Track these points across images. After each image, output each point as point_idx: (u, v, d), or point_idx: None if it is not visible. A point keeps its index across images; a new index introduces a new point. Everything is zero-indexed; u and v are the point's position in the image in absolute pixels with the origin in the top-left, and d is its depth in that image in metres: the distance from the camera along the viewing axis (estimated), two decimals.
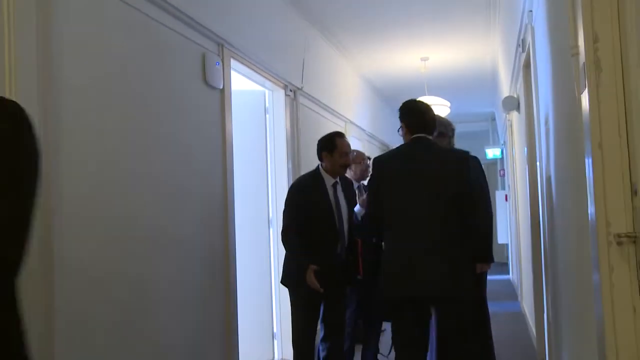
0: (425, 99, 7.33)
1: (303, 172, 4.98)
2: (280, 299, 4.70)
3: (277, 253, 4.77)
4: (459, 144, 3.80)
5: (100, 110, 2.44)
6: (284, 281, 3.63)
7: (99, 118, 2.43)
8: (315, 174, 3.62)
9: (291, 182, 4.73)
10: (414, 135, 3.01)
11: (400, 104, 3.15)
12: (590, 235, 1.82)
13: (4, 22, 1.91)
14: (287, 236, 3.50)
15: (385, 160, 3.04)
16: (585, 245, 1.94)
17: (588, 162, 1.75)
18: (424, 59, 7.24)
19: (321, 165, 3.63)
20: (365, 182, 4.79)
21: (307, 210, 3.47)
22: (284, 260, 3.65)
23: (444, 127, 3.66)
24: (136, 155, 2.68)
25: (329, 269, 3.45)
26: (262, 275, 4.70)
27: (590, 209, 1.77)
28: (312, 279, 3.34)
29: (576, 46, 1.88)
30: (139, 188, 2.69)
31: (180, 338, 2.98)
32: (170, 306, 2.90)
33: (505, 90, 6.58)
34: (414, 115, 3.05)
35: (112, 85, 2.54)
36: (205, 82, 3.38)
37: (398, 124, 3.09)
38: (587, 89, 1.75)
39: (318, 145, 3.65)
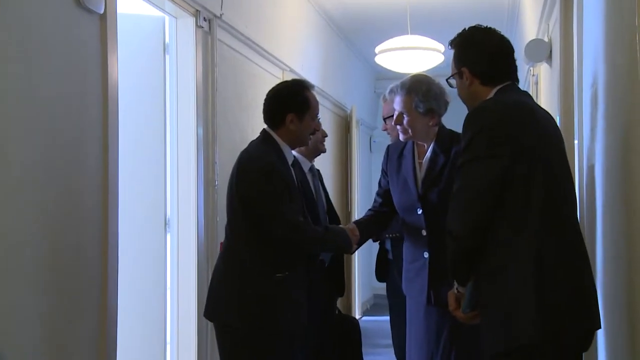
0: (406, 39, 7.47)
1: (222, 144, 5.13)
2: (179, 330, 4.83)
3: (176, 271, 4.88)
4: (453, 107, 3.80)
5: None
6: (234, 317, 3.48)
7: None
8: (275, 149, 3.54)
9: (202, 159, 4.88)
10: (502, 85, 2.84)
11: (457, 36, 2.95)
12: None
13: None
14: (300, 232, 3.48)
15: (519, 115, 2.70)
16: None
17: None
18: None
19: (275, 135, 3.59)
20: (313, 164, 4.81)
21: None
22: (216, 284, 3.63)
23: (436, 101, 3.62)
24: None
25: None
26: (155, 301, 4.79)
27: None
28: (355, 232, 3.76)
29: None
30: None
31: None
32: None
33: (530, 31, 6.74)
34: (488, 50, 2.89)
35: None
36: (79, 2, 3.42)
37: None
38: None
39: (277, 102, 3.61)
